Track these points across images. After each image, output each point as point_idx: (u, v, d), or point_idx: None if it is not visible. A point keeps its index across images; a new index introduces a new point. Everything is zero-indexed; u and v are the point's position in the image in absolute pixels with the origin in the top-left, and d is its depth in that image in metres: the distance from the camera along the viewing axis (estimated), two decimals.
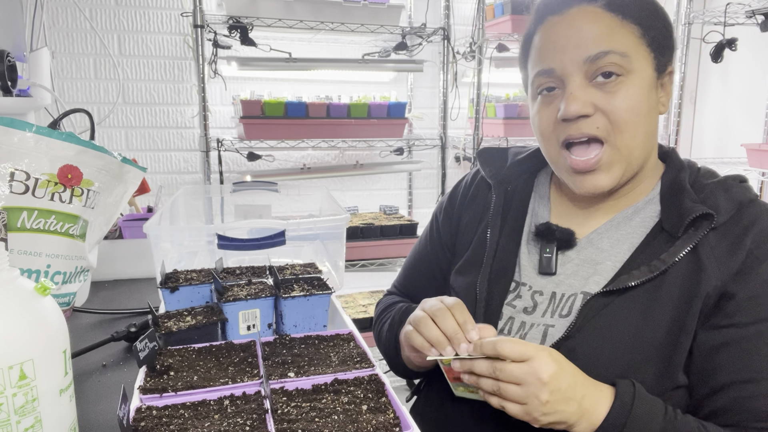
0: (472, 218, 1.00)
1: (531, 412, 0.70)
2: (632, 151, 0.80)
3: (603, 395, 0.73)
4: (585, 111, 0.78)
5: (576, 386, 0.71)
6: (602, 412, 0.71)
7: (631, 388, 0.73)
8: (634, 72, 0.79)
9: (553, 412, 0.70)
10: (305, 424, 0.64)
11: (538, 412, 0.70)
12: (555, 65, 0.80)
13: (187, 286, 0.96)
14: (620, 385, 0.73)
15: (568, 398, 0.70)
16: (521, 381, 0.69)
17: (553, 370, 0.69)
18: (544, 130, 0.84)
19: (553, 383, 0.69)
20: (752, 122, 2.61)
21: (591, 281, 0.83)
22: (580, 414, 0.71)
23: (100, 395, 0.85)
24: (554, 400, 0.69)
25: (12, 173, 0.87)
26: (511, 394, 0.70)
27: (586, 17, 0.79)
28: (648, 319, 0.77)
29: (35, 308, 0.57)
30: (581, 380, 0.73)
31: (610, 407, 0.71)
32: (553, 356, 0.71)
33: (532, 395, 0.69)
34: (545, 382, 0.69)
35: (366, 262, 2.32)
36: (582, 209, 0.90)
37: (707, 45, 2.15)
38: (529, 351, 0.70)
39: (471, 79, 2.39)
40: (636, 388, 0.73)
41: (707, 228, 0.77)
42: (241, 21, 2.00)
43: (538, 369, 0.69)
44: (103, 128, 2.26)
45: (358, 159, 2.56)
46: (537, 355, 0.70)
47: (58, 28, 2.17)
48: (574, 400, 0.71)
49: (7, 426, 0.53)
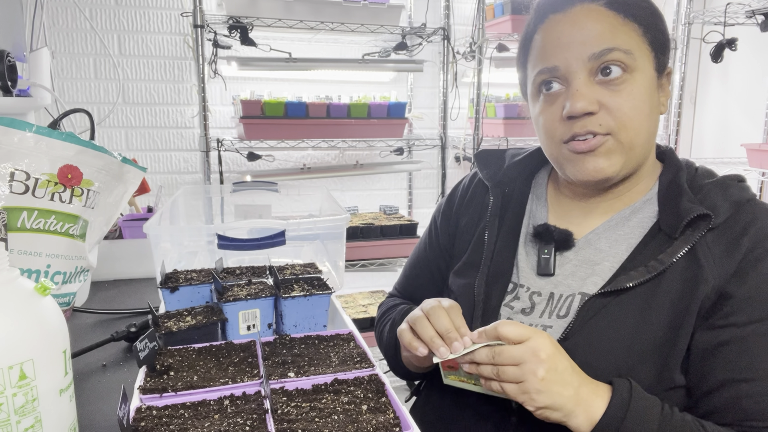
0: (470, 220, 1.00)
1: (528, 390, 0.70)
2: (634, 147, 0.80)
3: (601, 389, 0.73)
4: (591, 108, 0.78)
5: (573, 372, 0.72)
6: (600, 407, 0.71)
7: (627, 385, 0.73)
8: (637, 70, 0.79)
9: (548, 391, 0.70)
10: (305, 424, 0.64)
11: (534, 390, 0.70)
12: (559, 63, 0.80)
13: (187, 286, 0.96)
14: (617, 382, 0.74)
15: (564, 381, 0.71)
16: (519, 360, 0.71)
17: (550, 350, 0.71)
18: (548, 128, 0.84)
19: (550, 361, 0.70)
20: (752, 122, 2.61)
21: (589, 282, 0.83)
22: (576, 401, 0.71)
23: (100, 395, 0.85)
24: (550, 378, 0.70)
25: (12, 173, 0.87)
26: (510, 374, 0.71)
27: (589, 15, 0.80)
28: (646, 320, 0.77)
29: (35, 308, 0.57)
30: (578, 370, 0.74)
31: (608, 402, 0.72)
32: (551, 339, 0.73)
33: (529, 372, 0.70)
34: (542, 359, 0.70)
35: (366, 262, 2.32)
36: (580, 208, 0.90)
37: (707, 45, 2.15)
38: (528, 332, 0.72)
39: (471, 79, 2.39)
40: (633, 385, 0.73)
41: (705, 229, 0.77)
42: (241, 21, 2.00)
43: (535, 347, 0.71)
44: (103, 128, 2.26)
45: (358, 159, 2.56)
46: (535, 335, 0.72)
47: (58, 28, 2.17)
48: (571, 385, 0.71)
49: (7, 426, 0.53)
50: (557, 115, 0.82)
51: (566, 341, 0.79)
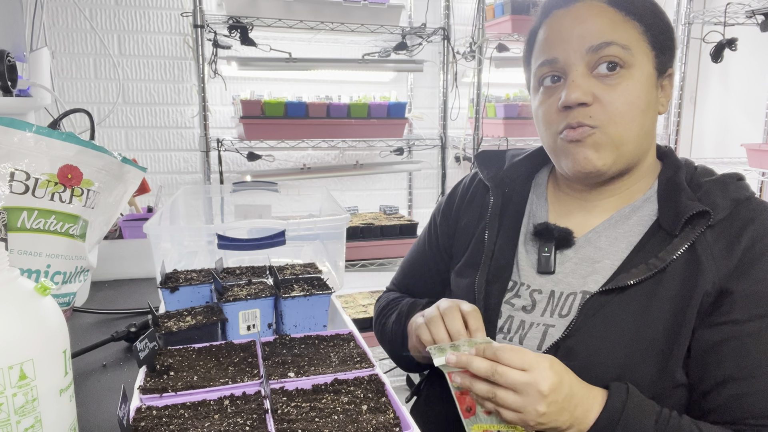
0: (470, 220, 1.00)
1: (527, 421, 0.71)
2: (624, 142, 0.81)
3: (595, 402, 0.73)
4: (585, 99, 0.80)
5: (572, 397, 0.72)
6: (591, 419, 0.72)
7: (623, 394, 0.73)
8: (634, 66, 0.80)
9: (548, 422, 0.71)
10: (305, 424, 0.64)
11: (533, 422, 0.71)
12: (558, 55, 0.82)
13: (187, 286, 0.96)
14: (612, 391, 0.73)
15: (563, 409, 0.71)
16: (520, 390, 0.70)
17: (553, 383, 0.69)
18: (546, 119, 0.86)
19: (552, 395, 0.69)
20: (752, 122, 2.61)
21: (589, 280, 0.84)
22: (571, 422, 0.72)
23: (100, 395, 0.85)
24: (551, 411, 0.70)
25: (12, 173, 0.87)
26: (509, 402, 0.70)
27: (590, 11, 0.82)
28: (647, 318, 0.77)
29: (35, 308, 0.57)
30: (576, 389, 0.73)
31: (597, 417, 0.72)
32: (554, 367, 0.71)
33: (530, 405, 0.69)
34: (545, 394, 0.69)
35: (366, 262, 2.32)
36: (580, 207, 0.91)
37: (707, 45, 2.15)
38: (530, 360, 0.70)
39: (471, 79, 2.39)
40: (629, 394, 0.73)
41: (704, 226, 0.78)
42: (241, 21, 2.00)
43: (538, 380, 0.69)
44: (103, 128, 2.26)
45: (358, 159, 2.56)
46: (538, 366, 0.70)
47: (58, 28, 2.17)
48: (568, 410, 0.71)
49: (7, 426, 0.53)
50: (554, 106, 0.84)
51: (568, 339, 0.80)
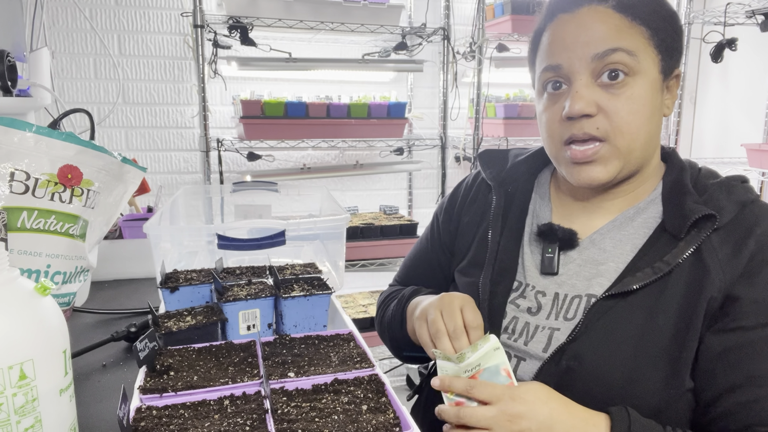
0: (473, 219, 1.00)
1: None
2: (632, 151, 0.80)
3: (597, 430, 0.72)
4: (588, 110, 0.78)
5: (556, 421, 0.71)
6: None
7: (626, 419, 0.71)
8: (640, 73, 0.79)
9: None
10: (305, 424, 0.64)
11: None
12: (562, 61, 0.81)
13: (187, 286, 0.96)
14: (615, 417, 0.72)
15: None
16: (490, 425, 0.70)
17: (521, 409, 0.70)
18: (549, 127, 0.85)
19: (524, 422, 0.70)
20: (752, 122, 2.61)
21: (594, 283, 0.83)
22: None
23: (100, 395, 0.85)
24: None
25: (12, 173, 0.87)
26: None
27: (596, 16, 0.80)
28: (653, 322, 0.76)
29: (35, 308, 0.57)
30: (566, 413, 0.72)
31: None
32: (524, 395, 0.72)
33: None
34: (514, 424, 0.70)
35: (366, 262, 2.32)
36: (584, 208, 0.90)
37: (707, 45, 2.15)
38: (499, 393, 0.71)
39: (471, 79, 2.39)
40: (631, 419, 0.71)
41: (710, 229, 0.77)
42: (241, 21, 2.00)
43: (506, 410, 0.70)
44: (103, 128, 2.26)
45: (358, 159, 2.56)
46: (505, 398, 0.71)
47: (58, 28, 2.17)
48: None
49: (7, 426, 0.53)
50: (558, 114, 0.82)
51: (573, 343, 0.79)
